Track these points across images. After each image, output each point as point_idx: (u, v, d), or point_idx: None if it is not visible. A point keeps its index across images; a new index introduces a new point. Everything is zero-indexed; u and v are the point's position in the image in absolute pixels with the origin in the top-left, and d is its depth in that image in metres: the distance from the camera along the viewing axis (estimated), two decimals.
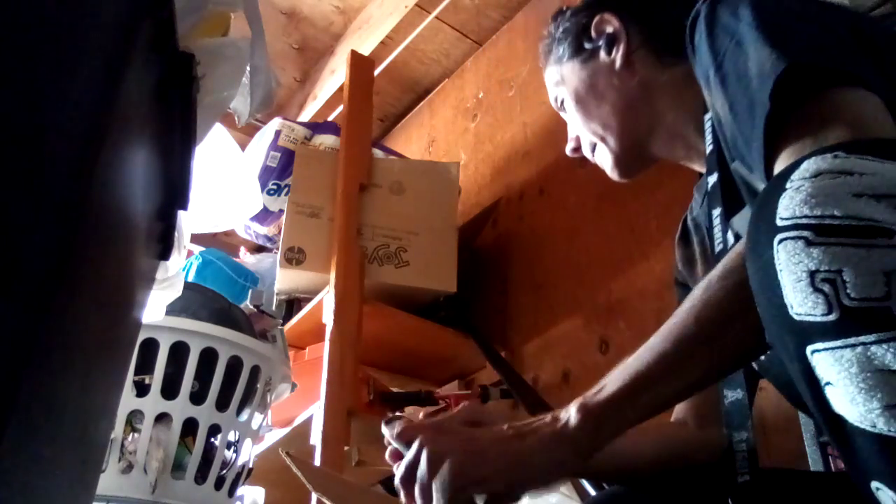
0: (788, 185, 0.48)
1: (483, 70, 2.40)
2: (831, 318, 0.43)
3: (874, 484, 0.44)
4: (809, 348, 0.45)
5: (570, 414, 0.67)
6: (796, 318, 0.45)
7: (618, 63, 0.93)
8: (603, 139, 0.96)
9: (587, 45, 0.95)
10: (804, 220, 0.45)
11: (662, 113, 0.92)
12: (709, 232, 0.81)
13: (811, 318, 0.44)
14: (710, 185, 0.82)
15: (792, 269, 0.45)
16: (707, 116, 0.83)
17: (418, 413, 1.84)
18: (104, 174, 0.40)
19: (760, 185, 0.65)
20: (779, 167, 0.58)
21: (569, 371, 1.62)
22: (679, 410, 0.95)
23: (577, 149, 1.00)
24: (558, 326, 1.71)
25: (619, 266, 1.60)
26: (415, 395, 1.68)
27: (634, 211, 1.60)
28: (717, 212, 0.79)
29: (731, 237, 0.77)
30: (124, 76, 0.42)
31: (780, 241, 0.46)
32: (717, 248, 0.77)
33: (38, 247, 0.33)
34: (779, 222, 0.47)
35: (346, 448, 1.49)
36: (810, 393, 0.46)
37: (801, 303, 0.45)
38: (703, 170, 0.93)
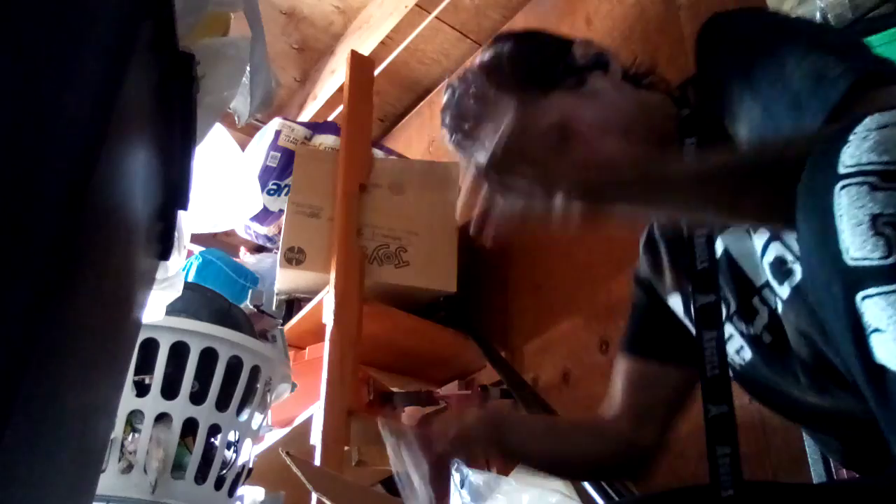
0: (852, 136, 0.49)
1: None
2: (890, 261, 0.44)
3: None
4: (861, 294, 0.45)
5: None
6: (851, 262, 0.46)
7: (616, 78, 0.90)
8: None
9: (574, 70, 0.90)
10: (870, 167, 0.46)
11: (655, 132, 0.90)
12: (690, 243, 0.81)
13: (867, 263, 0.45)
14: None
15: (854, 213, 0.46)
16: (689, 141, 0.83)
17: (418, 413, 1.85)
18: (104, 174, 0.40)
19: None
20: None
21: (569, 371, 1.62)
22: (615, 407, 0.97)
23: None
24: (558, 326, 1.71)
25: (619, 266, 1.59)
26: (415, 395, 1.69)
27: None
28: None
29: (719, 248, 0.79)
30: (124, 76, 0.42)
31: (844, 187, 0.47)
32: (700, 265, 0.78)
33: (37, 246, 0.33)
34: (842, 170, 0.47)
35: (346, 448, 1.49)
36: (853, 343, 0.46)
37: (860, 246, 0.45)
38: None
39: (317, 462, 1.45)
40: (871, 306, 0.45)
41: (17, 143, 0.32)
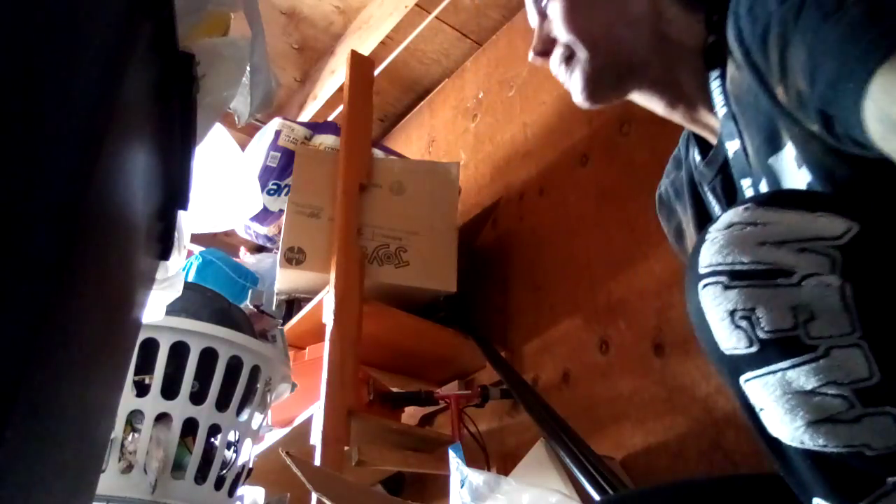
0: (708, 236, 0.55)
1: (483, 70, 2.40)
2: (753, 349, 0.51)
3: (815, 501, 0.50)
4: (742, 378, 0.52)
5: None
6: (726, 352, 0.53)
7: None
8: (591, 47, 0.82)
9: None
10: (720, 267, 0.53)
11: (665, 48, 0.81)
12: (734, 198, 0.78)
13: (738, 352, 0.52)
14: (731, 154, 0.76)
15: (715, 310, 0.53)
16: (714, 75, 0.76)
17: (419, 414, 1.85)
18: (104, 174, 0.40)
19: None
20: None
21: (569, 371, 1.62)
22: None
23: (546, 53, 0.86)
24: (558, 326, 1.71)
25: (619, 266, 1.60)
26: (415, 395, 1.68)
27: (634, 211, 1.60)
28: (746, 182, 0.75)
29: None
30: (124, 76, 0.42)
31: (704, 287, 0.54)
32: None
33: (38, 247, 0.33)
34: (701, 270, 0.54)
35: (346, 448, 1.49)
36: (751, 419, 0.53)
37: (727, 338, 0.52)
38: (685, 124, 0.86)
39: (317, 462, 1.45)
40: (751, 388, 0.51)
41: (18, 144, 0.32)
